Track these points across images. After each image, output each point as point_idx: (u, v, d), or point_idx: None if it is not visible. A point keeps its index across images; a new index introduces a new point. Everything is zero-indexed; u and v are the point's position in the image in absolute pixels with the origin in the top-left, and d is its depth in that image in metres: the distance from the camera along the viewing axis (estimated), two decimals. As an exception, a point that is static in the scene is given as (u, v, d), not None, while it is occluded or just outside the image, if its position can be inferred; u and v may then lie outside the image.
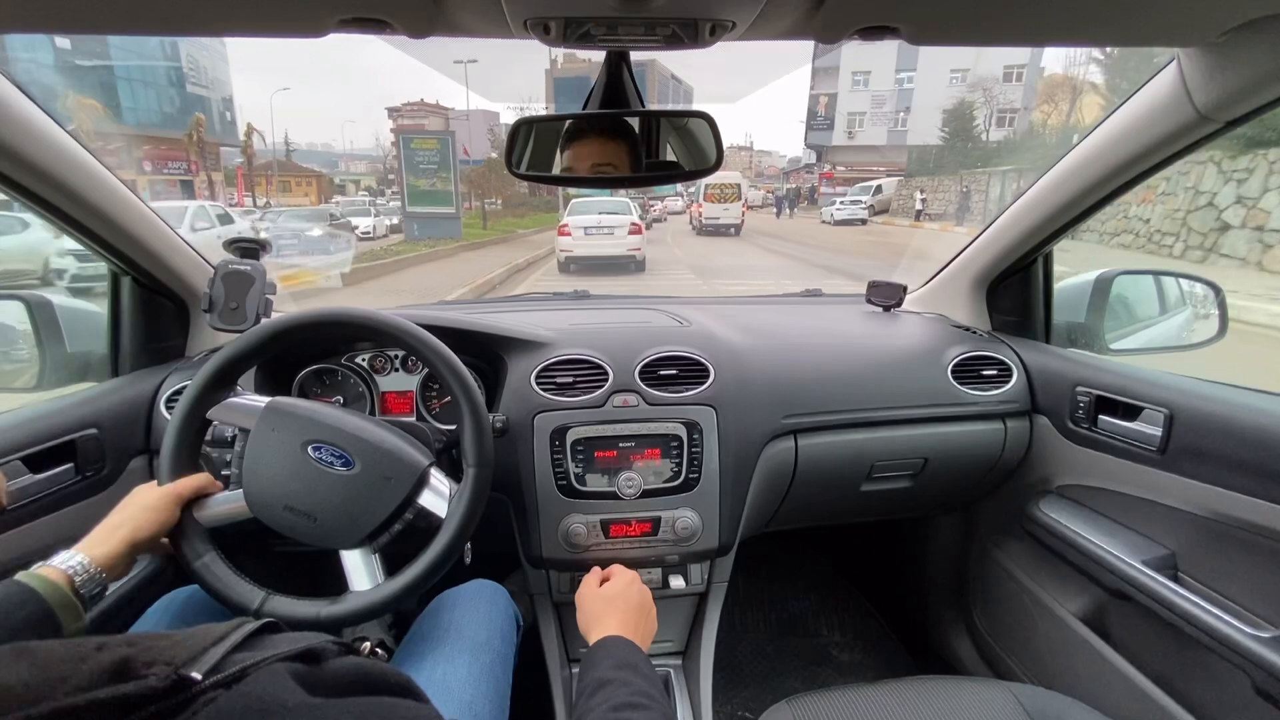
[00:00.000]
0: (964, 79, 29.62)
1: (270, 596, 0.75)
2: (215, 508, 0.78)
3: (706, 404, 1.05)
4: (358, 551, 0.77)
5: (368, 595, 0.75)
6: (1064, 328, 1.28)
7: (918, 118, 31.80)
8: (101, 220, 0.95)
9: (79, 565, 0.62)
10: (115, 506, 0.73)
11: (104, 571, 0.64)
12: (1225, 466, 0.85)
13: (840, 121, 35.30)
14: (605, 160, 0.82)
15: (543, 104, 25.59)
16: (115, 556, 0.66)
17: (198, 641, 0.34)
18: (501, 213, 24.56)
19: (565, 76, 33.46)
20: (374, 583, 0.77)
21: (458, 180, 14.85)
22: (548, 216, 21.52)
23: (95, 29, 0.64)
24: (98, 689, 0.28)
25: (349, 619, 0.74)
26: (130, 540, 0.68)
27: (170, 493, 0.74)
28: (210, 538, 0.77)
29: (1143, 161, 0.92)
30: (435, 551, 0.76)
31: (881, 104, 34.32)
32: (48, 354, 1.06)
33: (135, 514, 0.70)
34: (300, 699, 0.33)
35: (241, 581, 0.75)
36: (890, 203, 25.62)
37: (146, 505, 0.71)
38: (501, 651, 0.82)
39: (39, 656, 0.30)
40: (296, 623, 0.73)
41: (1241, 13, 0.63)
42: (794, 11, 0.60)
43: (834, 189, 32.38)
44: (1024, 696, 0.80)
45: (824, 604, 1.74)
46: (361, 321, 0.82)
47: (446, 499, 0.79)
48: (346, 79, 59.20)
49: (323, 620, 0.73)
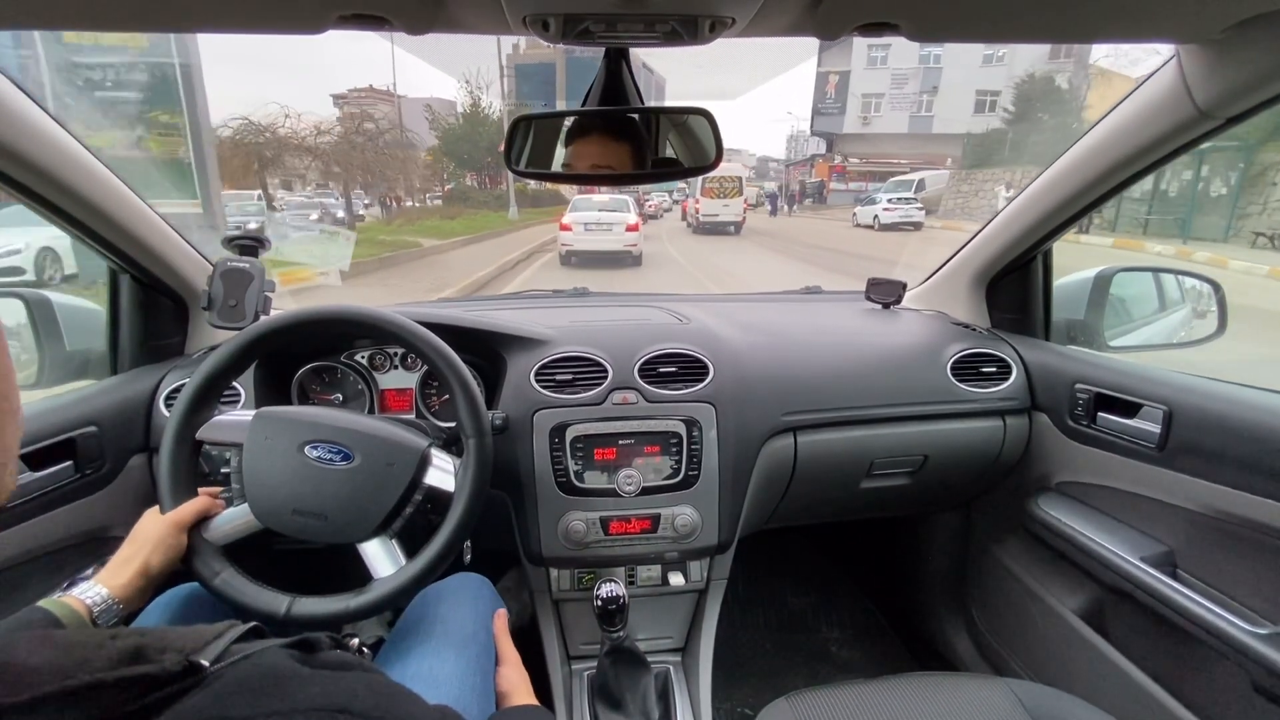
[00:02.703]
0: (1004, 59, 24.37)
1: (295, 600, 0.75)
2: (224, 526, 0.78)
3: (706, 401, 1.05)
4: (375, 541, 0.78)
5: (393, 580, 0.76)
6: (1063, 325, 1.28)
7: (947, 100, 26.28)
8: (100, 218, 0.95)
9: (98, 596, 0.65)
10: (127, 538, 0.74)
11: (121, 604, 0.67)
12: (1224, 463, 0.85)
13: (853, 105, 28.47)
14: (605, 158, 0.82)
15: (497, 83, 23.66)
16: (131, 588, 0.68)
17: (201, 635, 0.37)
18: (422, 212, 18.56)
19: (528, 63, 30.82)
20: (397, 567, 0.77)
21: (202, 141, 6.09)
22: (495, 217, 17.17)
23: (93, 26, 0.64)
24: (117, 670, 0.31)
25: (379, 605, 0.75)
26: (144, 571, 0.70)
27: (172, 522, 0.75)
28: (223, 554, 0.78)
29: (1142, 158, 0.92)
30: (451, 525, 0.77)
31: (903, 84, 27.63)
32: (46, 352, 1.06)
33: (143, 546, 0.72)
34: (310, 670, 0.36)
35: (264, 590, 0.76)
36: (940, 201, 19.73)
37: (152, 537, 0.73)
38: (487, 645, 0.82)
39: (60, 642, 0.33)
40: (326, 619, 0.74)
41: (1241, 9, 0.63)
42: (794, 8, 0.60)
43: (845, 185, 28.30)
44: (1023, 693, 0.80)
45: (823, 601, 1.74)
46: (334, 317, 0.83)
47: (453, 474, 0.80)
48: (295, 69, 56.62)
49: (353, 611, 0.74)
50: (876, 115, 28.34)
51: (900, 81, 27.69)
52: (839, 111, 28.90)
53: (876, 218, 16.91)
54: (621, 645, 1.01)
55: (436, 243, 12.12)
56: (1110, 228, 11.68)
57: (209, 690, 0.32)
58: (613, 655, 1.02)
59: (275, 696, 0.32)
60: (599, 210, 10.27)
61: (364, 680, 0.37)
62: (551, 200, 22.20)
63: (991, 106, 24.44)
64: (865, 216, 17.60)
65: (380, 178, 16.08)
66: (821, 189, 29.52)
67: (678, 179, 0.98)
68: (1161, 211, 11.50)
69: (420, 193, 21.30)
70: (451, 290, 7.76)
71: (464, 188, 22.66)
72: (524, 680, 0.80)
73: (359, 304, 0.85)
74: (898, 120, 28.00)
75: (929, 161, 25.05)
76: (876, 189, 22.50)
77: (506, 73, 21.33)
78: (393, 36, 0.66)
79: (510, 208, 18.37)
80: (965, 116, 24.03)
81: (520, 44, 28.43)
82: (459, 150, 21.95)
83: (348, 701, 0.33)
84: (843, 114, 28.83)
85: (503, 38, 9.25)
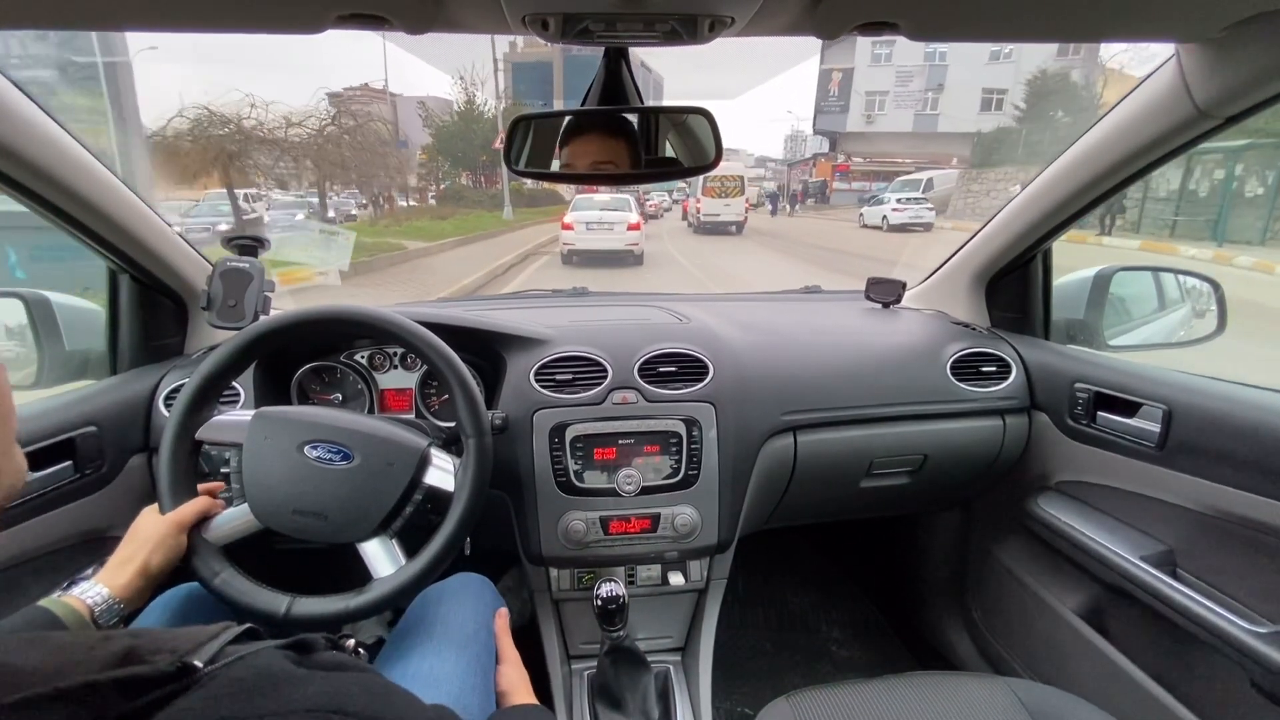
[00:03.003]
0: (1011, 56, 23.32)
1: (295, 600, 0.75)
2: (224, 526, 0.78)
3: (706, 401, 1.05)
4: (375, 541, 0.78)
5: (393, 580, 0.76)
6: (1063, 324, 1.28)
7: (953, 98, 25.26)
8: (100, 218, 0.95)
9: (99, 596, 0.65)
10: (125, 536, 0.74)
11: (121, 603, 0.66)
12: (1223, 462, 0.86)
13: (857, 103, 27.33)
14: (605, 157, 0.82)
15: (492, 80, 22.32)
16: (131, 588, 0.68)
17: (194, 636, 0.37)
18: (414, 212, 17.79)
19: (525, 61, 30.05)
20: (396, 566, 0.77)
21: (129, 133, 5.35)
22: (489, 218, 16.65)
23: (91, 25, 0.64)
24: (111, 671, 0.30)
25: (379, 605, 0.75)
26: (143, 571, 0.70)
27: (172, 522, 0.75)
28: (223, 554, 0.78)
29: (1141, 158, 0.92)
30: (451, 525, 0.77)
31: (908, 81, 26.54)
32: (46, 352, 1.06)
33: (143, 546, 0.72)
34: (305, 671, 0.36)
35: (264, 591, 0.76)
36: (949, 201, 19.15)
37: (152, 537, 0.73)
38: (488, 645, 0.82)
39: (51, 644, 0.33)
40: (327, 619, 0.74)
41: (1241, 9, 0.63)
42: (793, 7, 0.60)
43: (849, 184, 27.21)
44: (1022, 692, 0.81)
45: (823, 600, 1.74)
46: (333, 317, 0.83)
47: (452, 474, 0.80)
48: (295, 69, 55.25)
49: (353, 611, 0.74)
50: (881, 114, 27.30)
51: (905, 79, 26.58)
52: (842, 110, 27.82)
53: (885, 218, 16.23)
54: (621, 645, 1.01)
55: (423, 245, 11.29)
56: (1134, 229, 11.16)
57: (202, 692, 0.32)
58: (613, 655, 1.02)
59: (269, 698, 0.32)
60: (601, 209, 10.26)
61: (359, 681, 0.37)
62: (549, 200, 21.78)
63: (999, 105, 23.72)
64: (873, 217, 16.81)
65: (365, 175, 14.88)
66: (824, 189, 28.46)
67: (677, 178, 0.98)
68: (1189, 213, 10.97)
69: (417, 192, 20.84)
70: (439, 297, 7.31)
71: (458, 187, 21.82)
72: (524, 679, 0.80)
73: (359, 304, 0.85)
74: (902, 119, 26.87)
75: (933, 161, 24.15)
76: (881, 189, 21.88)
77: (501, 67, 20.12)
78: (385, 35, 0.65)
79: (505, 207, 17.72)
80: (971, 115, 23.03)
81: (518, 42, 27.66)
82: (453, 148, 21.43)
83: (342, 702, 0.33)
84: (846, 112, 27.74)
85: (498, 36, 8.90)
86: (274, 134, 12.07)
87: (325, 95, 15.55)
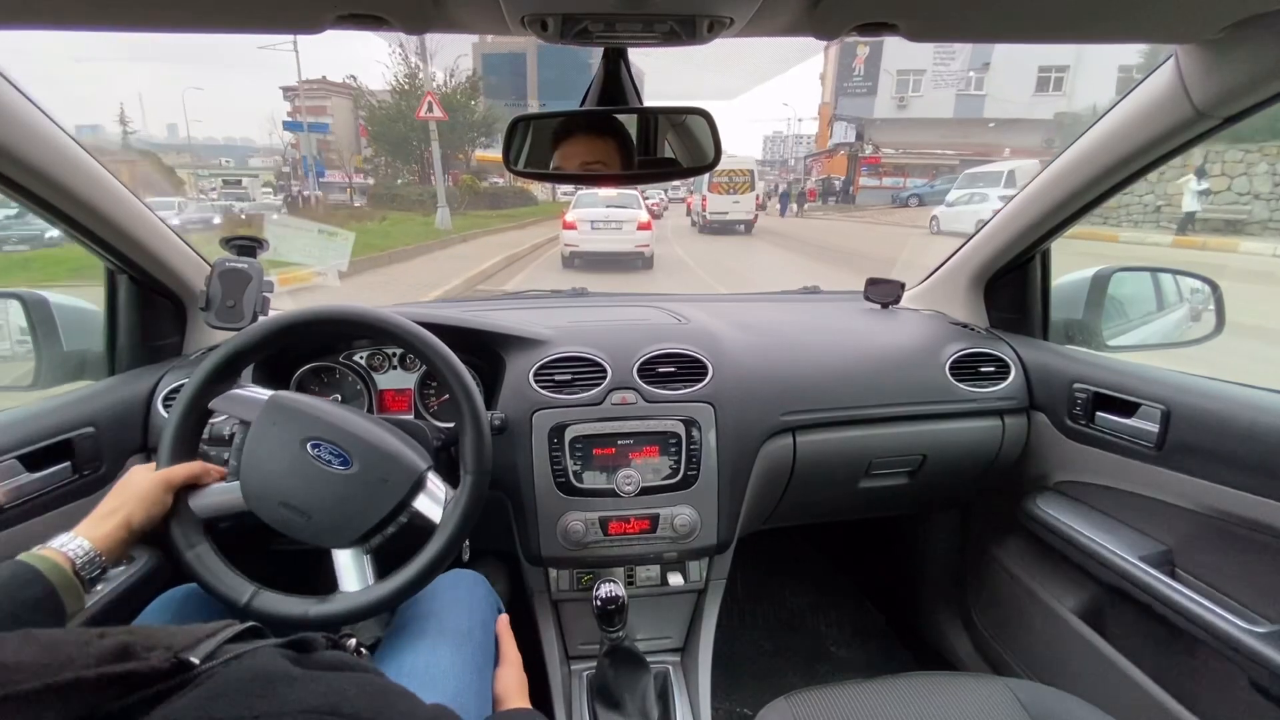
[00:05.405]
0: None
1: (259, 591, 0.74)
2: (211, 498, 0.78)
3: (705, 401, 1.05)
4: (349, 551, 0.77)
5: (356, 597, 0.75)
6: (1061, 324, 1.28)
7: (1002, 77, 20.80)
8: (98, 219, 0.94)
9: (78, 547, 0.63)
10: (112, 489, 0.73)
11: (102, 555, 0.65)
12: (1221, 463, 0.86)
13: (886, 84, 22.66)
14: (595, 158, 0.82)
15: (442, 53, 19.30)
16: (112, 540, 0.66)
17: (192, 633, 0.36)
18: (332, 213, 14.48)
19: (495, 53, 28.29)
20: (363, 584, 0.76)
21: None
22: (421, 224, 12.90)
23: (93, 25, 0.64)
24: (103, 667, 0.30)
25: (336, 620, 0.74)
26: (125, 524, 0.68)
27: (163, 478, 0.74)
28: (204, 529, 0.77)
29: (1140, 158, 0.92)
30: (427, 557, 0.76)
31: (949, 60, 21.83)
32: (44, 352, 1.05)
33: (128, 500, 0.70)
34: (302, 671, 0.35)
35: (232, 575, 0.75)
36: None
37: (137, 492, 0.71)
38: (484, 642, 0.82)
39: (45, 640, 0.32)
40: (283, 619, 0.72)
41: (1239, 9, 0.64)
42: (792, 8, 0.60)
43: (878, 180, 23.09)
44: (1021, 692, 0.81)
45: (822, 601, 1.74)
46: (370, 321, 0.82)
47: (442, 504, 0.79)
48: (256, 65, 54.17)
49: (310, 619, 0.73)
50: (916, 96, 22.67)
51: (946, 57, 21.89)
52: (869, 91, 23.15)
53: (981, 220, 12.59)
54: (620, 645, 1.01)
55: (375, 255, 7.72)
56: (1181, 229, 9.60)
57: (197, 690, 0.31)
58: (612, 655, 1.02)
59: (264, 698, 0.32)
60: (607, 207, 9.22)
61: (356, 680, 0.36)
62: (516, 200, 18.02)
63: (1057, 85, 20.32)
64: (955, 220, 12.01)
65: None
66: (848, 187, 24.50)
67: (676, 179, 0.98)
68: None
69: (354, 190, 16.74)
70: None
71: (388, 183, 17.43)
72: (522, 684, 0.79)
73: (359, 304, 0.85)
74: (942, 102, 22.31)
75: (979, 153, 19.88)
76: (918, 185, 19.11)
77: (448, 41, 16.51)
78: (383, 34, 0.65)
79: (439, 212, 12.48)
80: (1025, 96, 19.37)
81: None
82: (390, 133, 17.27)
83: (338, 702, 0.33)
84: (874, 94, 23.10)
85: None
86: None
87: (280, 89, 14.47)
